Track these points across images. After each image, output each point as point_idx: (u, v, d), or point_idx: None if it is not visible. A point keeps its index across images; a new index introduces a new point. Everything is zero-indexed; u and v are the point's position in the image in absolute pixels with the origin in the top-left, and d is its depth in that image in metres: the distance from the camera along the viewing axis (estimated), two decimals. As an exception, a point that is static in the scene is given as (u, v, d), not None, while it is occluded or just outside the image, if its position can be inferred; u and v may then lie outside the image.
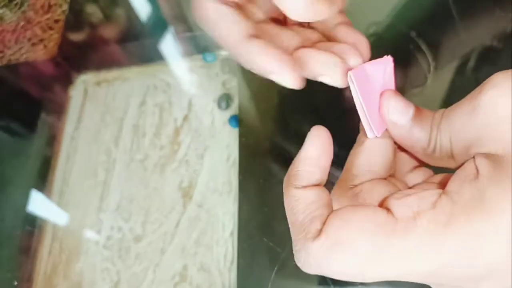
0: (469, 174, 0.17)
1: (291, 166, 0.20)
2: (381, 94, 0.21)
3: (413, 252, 0.16)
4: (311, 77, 0.22)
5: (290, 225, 0.19)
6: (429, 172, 0.22)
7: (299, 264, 0.18)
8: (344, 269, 0.16)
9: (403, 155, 0.23)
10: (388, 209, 0.17)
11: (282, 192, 0.22)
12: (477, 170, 0.16)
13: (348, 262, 0.16)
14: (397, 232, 0.16)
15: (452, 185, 0.17)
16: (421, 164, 0.23)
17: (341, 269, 0.16)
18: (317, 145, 0.19)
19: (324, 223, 0.17)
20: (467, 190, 0.16)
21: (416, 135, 0.20)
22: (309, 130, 0.20)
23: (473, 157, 0.17)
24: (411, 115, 0.20)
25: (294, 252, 0.18)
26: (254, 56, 0.20)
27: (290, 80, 0.20)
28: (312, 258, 0.17)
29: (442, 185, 0.18)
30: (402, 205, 0.17)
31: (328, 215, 0.18)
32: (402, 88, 0.24)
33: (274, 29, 0.23)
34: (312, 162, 0.19)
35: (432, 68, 0.38)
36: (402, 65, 0.38)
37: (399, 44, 0.41)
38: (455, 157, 0.19)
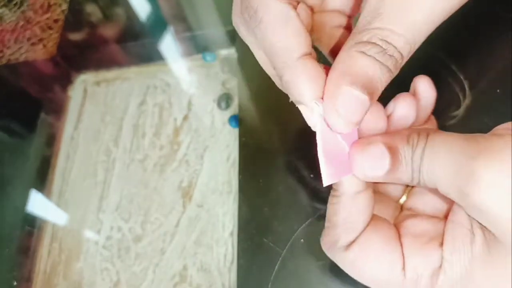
0: (464, 240, 0.17)
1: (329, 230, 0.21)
2: (351, 145, 0.19)
3: None
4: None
5: (329, 222, 0.20)
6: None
7: (324, 248, 0.21)
8: (355, 276, 0.20)
9: None
10: (403, 263, 0.19)
11: (282, 192, 0.22)
12: (472, 241, 0.17)
13: (359, 278, 0.20)
14: None
15: (446, 250, 0.18)
16: None
17: (353, 275, 0.20)
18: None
19: (358, 235, 0.19)
20: (460, 268, 0.17)
21: (396, 178, 0.18)
22: (309, 129, 0.19)
23: (468, 215, 0.17)
24: (388, 165, 0.18)
25: (324, 242, 0.21)
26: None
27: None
28: (336, 258, 0.20)
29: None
30: (413, 266, 0.19)
31: (364, 228, 0.20)
32: (437, 114, 0.23)
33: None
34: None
35: (467, 89, 0.35)
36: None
37: (425, 65, 0.37)
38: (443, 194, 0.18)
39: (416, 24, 0.16)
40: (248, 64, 0.44)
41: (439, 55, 0.37)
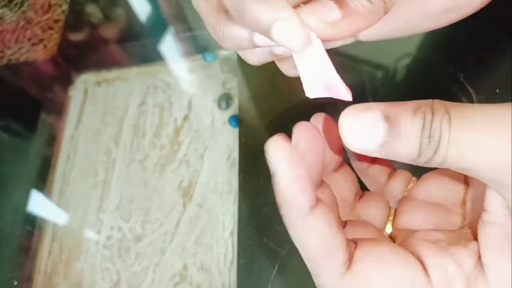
0: (505, 241, 0.16)
1: (279, 192, 0.16)
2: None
3: None
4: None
5: (306, 259, 0.17)
6: (407, 175, 0.22)
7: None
8: None
9: (370, 171, 0.21)
10: (421, 261, 0.17)
11: None
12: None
13: None
14: None
15: (486, 255, 0.16)
16: (392, 168, 0.22)
17: None
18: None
19: (347, 252, 0.17)
20: (506, 273, 0.15)
21: (394, 153, 0.16)
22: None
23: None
24: (381, 136, 0.15)
25: (319, 283, 0.18)
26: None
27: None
28: None
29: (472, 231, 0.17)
30: (437, 266, 0.16)
31: (346, 242, 0.17)
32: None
33: None
34: (301, 180, 0.16)
35: (476, 102, 0.35)
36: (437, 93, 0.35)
37: (433, 77, 0.37)
38: (469, 174, 0.16)
39: None
40: (248, 64, 0.44)
41: (448, 69, 0.37)
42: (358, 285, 0.16)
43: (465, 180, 0.20)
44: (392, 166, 0.22)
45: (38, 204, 0.42)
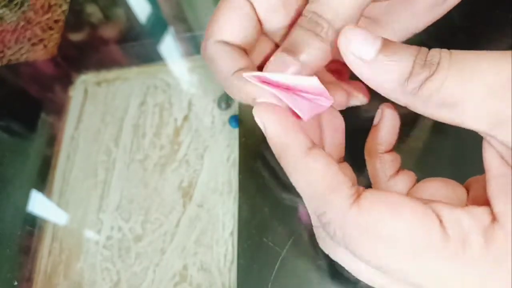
0: (508, 186, 0.15)
1: (273, 143, 0.18)
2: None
3: (455, 280, 0.15)
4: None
5: (307, 201, 0.17)
6: (412, 176, 0.22)
7: (325, 243, 0.18)
8: (371, 258, 0.16)
9: (385, 158, 0.22)
10: (440, 219, 0.15)
11: (282, 192, 0.21)
12: None
13: (379, 256, 0.15)
14: (446, 255, 0.15)
15: (497, 205, 0.15)
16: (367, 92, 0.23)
17: (368, 257, 0.16)
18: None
19: (353, 187, 0.16)
20: None
21: (389, 67, 0.15)
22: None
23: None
24: (379, 44, 0.16)
25: (320, 227, 0.17)
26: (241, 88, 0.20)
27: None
28: (348, 229, 0.15)
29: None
30: (453, 220, 0.15)
31: (350, 180, 0.16)
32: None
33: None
34: (293, 126, 0.18)
35: None
36: None
37: None
38: (455, 112, 0.15)
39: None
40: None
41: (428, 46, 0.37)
42: (367, 225, 0.15)
43: (466, 186, 0.20)
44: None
45: (38, 204, 0.42)
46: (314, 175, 0.16)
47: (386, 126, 0.21)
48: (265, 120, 0.18)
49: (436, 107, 0.15)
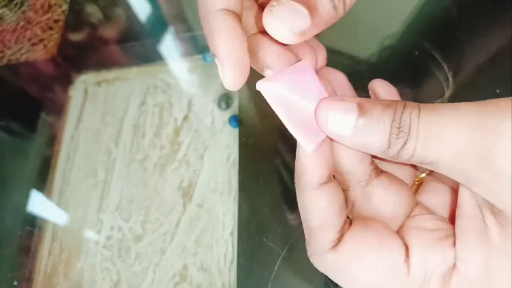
0: (477, 233, 0.16)
1: (300, 163, 0.18)
2: (317, 104, 0.17)
3: None
4: (257, 69, 0.20)
5: (304, 227, 0.19)
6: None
7: (311, 260, 0.19)
8: (349, 284, 0.18)
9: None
10: (406, 246, 0.17)
11: (282, 192, 0.22)
12: (486, 231, 0.16)
13: (354, 284, 0.18)
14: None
15: (458, 247, 0.16)
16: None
17: (347, 284, 0.18)
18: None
19: (339, 233, 0.18)
20: (475, 264, 0.16)
21: (366, 142, 0.16)
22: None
23: (476, 198, 0.16)
24: (354, 119, 0.16)
25: (308, 253, 0.19)
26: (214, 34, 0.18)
27: (229, 81, 0.18)
28: (324, 266, 0.18)
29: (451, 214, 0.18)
30: (421, 260, 0.17)
31: (342, 224, 0.18)
32: (420, 102, 0.23)
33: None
34: (322, 157, 0.17)
35: (450, 78, 0.36)
36: (419, 77, 0.36)
37: (414, 56, 0.38)
38: (435, 169, 0.16)
39: None
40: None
41: (426, 47, 0.37)
42: (338, 266, 0.18)
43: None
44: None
45: (38, 204, 0.42)
46: (314, 209, 0.17)
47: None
48: (306, 142, 0.17)
49: (418, 164, 0.16)
